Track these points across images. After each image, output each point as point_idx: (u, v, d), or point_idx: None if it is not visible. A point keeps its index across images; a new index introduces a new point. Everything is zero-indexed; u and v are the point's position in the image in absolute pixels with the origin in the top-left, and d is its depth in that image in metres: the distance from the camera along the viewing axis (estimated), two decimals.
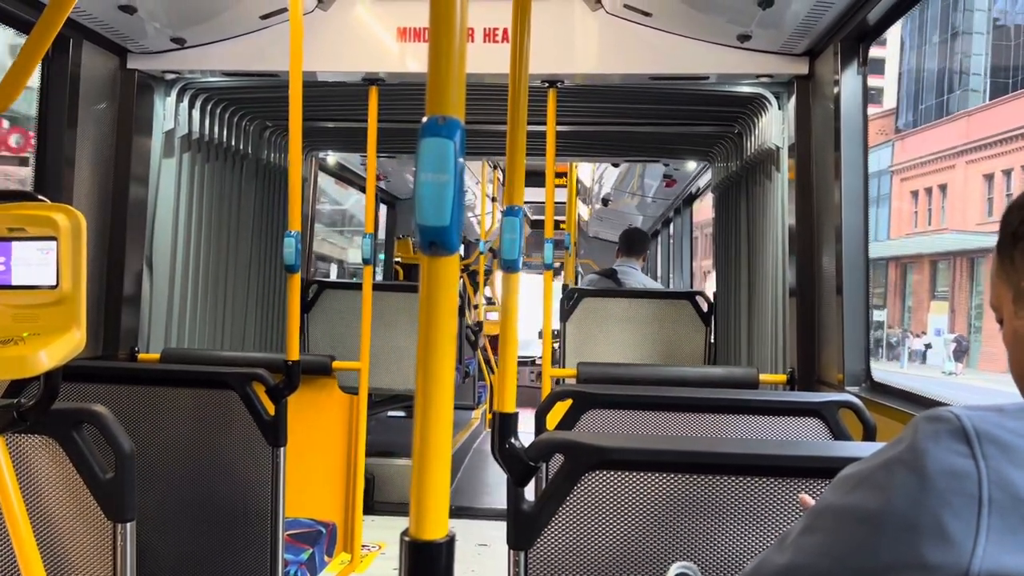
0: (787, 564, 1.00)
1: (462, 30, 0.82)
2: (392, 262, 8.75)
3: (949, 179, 32.47)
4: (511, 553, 1.61)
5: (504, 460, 1.62)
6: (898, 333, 33.51)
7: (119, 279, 3.47)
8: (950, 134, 32.75)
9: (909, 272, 34.24)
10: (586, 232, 11.14)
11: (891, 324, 34.31)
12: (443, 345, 0.83)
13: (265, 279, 4.60)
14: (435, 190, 0.78)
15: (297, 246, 2.87)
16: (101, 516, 1.64)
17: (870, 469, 0.96)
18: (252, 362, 3.15)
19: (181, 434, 2.56)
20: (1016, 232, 1.05)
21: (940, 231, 32.58)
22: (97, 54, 3.31)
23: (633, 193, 8.18)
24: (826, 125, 3.12)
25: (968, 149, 31.46)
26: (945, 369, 28.50)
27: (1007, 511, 0.86)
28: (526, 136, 1.62)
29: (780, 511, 1.55)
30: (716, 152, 4.79)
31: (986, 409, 0.93)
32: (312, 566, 2.99)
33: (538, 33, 2.81)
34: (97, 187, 3.38)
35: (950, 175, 32.42)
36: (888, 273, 34.93)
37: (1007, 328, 1.10)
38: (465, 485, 6.11)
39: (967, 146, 31.52)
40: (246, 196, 4.33)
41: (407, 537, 0.84)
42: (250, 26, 3.36)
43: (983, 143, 30.70)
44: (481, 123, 4.35)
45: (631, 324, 4.75)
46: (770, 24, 2.99)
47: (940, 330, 30.93)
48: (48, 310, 1.46)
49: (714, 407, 2.28)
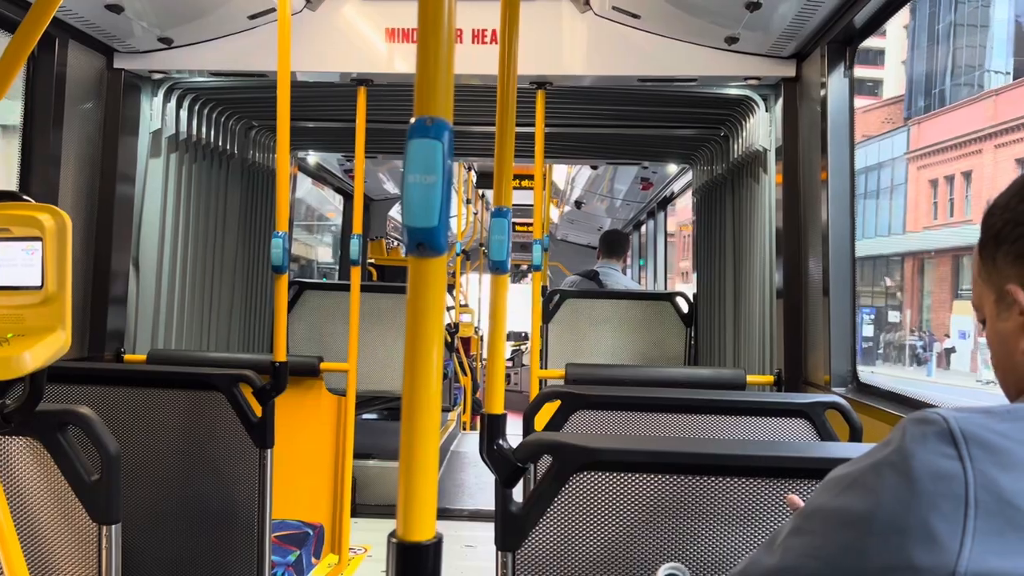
0: (776, 566, 1.00)
1: (450, 31, 0.82)
2: (366, 263, 8.76)
3: (975, 165, 29.10)
4: (499, 554, 1.61)
5: (492, 461, 1.62)
6: (921, 336, 30.10)
7: (105, 280, 3.45)
8: (974, 116, 29.19)
9: (929, 268, 31.02)
10: (554, 235, 11.18)
11: (911, 327, 31.28)
12: (430, 346, 0.83)
13: (251, 280, 4.58)
14: (423, 191, 0.78)
15: (285, 246, 2.86)
16: (86, 518, 1.64)
17: (859, 471, 0.96)
18: (239, 363, 3.14)
19: (168, 436, 2.55)
20: (999, 234, 1.06)
21: (965, 223, 28.68)
22: (83, 53, 3.29)
23: (604, 196, 8.23)
24: (813, 127, 3.14)
25: (996, 132, 28.14)
26: (982, 378, 23.70)
27: (993, 513, 0.87)
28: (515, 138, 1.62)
29: (767, 512, 1.56)
30: (699, 154, 4.81)
31: (973, 411, 0.93)
32: (299, 568, 2.98)
33: (527, 34, 2.82)
34: (83, 187, 3.36)
35: (976, 160, 29.10)
36: (904, 270, 32.31)
37: (989, 329, 1.11)
38: (446, 487, 6.10)
39: (995, 128, 28.14)
40: (231, 196, 4.31)
41: (395, 539, 0.84)
42: (238, 26, 3.35)
43: (1014, 124, 27.34)
44: (469, 124, 4.35)
45: (612, 325, 4.77)
46: (758, 27, 3.00)
47: (965, 332, 26.94)
48: (33, 311, 1.45)
49: (702, 408, 2.29)
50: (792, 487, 1.54)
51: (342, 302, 3.72)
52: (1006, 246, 1.05)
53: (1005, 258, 1.05)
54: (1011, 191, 1.08)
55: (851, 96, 3.05)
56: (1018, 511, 0.87)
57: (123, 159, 3.50)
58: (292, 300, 4.83)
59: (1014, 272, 1.04)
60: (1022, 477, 0.88)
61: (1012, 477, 0.88)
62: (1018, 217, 1.04)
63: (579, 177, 8.25)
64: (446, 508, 5.35)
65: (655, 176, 6.54)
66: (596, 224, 10.12)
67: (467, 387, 9.44)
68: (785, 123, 3.32)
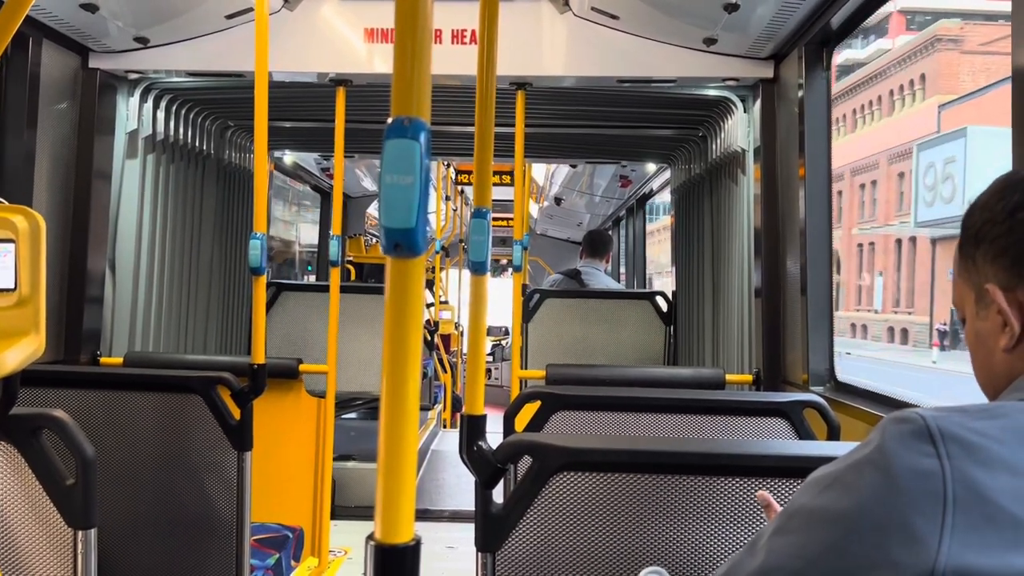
0: (760, 567, 1.00)
1: (428, 30, 0.82)
2: (345, 261, 8.73)
3: None
4: (479, 555, 1.60)
5: (472, 462, 1.62)
6: None
7: (81, 282, 3.41)
8: None
9: None
10: (533, 230, 11.21)
11: None
12: (409, 347, 0.83)
13: (228, 281, 4.55)
14: (400, 192, 0.78)
15: (263, 248, 2.84)
16: (62, 523, 1.62)
17: (840, 471, 0.97)
18: (217, 366, 3.12)
19: (145, 439, 2.52)
20: (979, 234, 1.07)
21: None
22: (58, 53, 3.26)
23: (583, 192, 8.26)
24: (791, 128, 3.16)
25: None
26: None
27: (970, 509, 0.88)
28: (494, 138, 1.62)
29: (748, 510, 1.57)
30: (678, 154, 4.83)
31: (950, 410, 0.94)
32: (279, 571, 2.97)
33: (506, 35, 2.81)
34: (58, 188, 3.32)
35: None
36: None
37: (969, 328, 1.12)
38: (426, 487, 6.08)
39: None
40: (208, 197, 4.28)
41: (373, 541, 0.83)
42: (215, 26, 3.33)
43: None
44: (449, 125, 4.34)
45: (592, 324, 4.78)
46: (736, 28, 3.01)
47: None
48: (6, 313, 1.44)
49: (682, 408, 2.30)
50: (771, 486, 1.55)
51: (320, 303, 3.70)
52: (985, 245, 1.06)
53: (984, 257, 1.06)
54: (990, 191, 1.08)
55: (828, 97, 3.07)
56: (995, 507, 0.88)
57: (99, 160, 3.46)
58: (270, 301, 4.80)
59: (992, 271, 1.05)
60: (998, 474, 0.89)
61: (989, 474, 0.89)
62: (996, 216, 1.05)
63: (558, 173, 8.27)
64: (427, 509, 5.34)
65: (634, 174, 6.57)
66: (576, 220, 10.15)
67: (447, 384, 9.42)
68: (763, 124, 3.33)
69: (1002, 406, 0.97)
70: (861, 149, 39.90)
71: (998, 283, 1.04)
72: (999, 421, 0.93)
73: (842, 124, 43.62)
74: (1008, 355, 1.05)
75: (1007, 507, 0.88)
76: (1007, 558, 0.87)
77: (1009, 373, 1.05)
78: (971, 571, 0.87)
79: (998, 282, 1.04)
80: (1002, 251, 1.04)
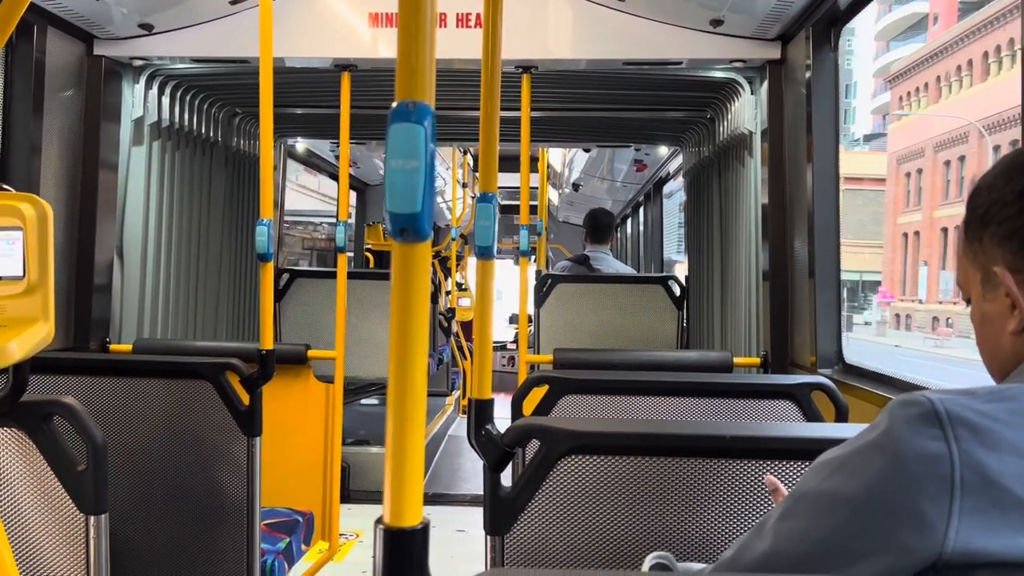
0: (767, 550, 1.00)
1: (432, 14, 0.82)
2: (364, 249, 8.71)
3: None
4: (488, 538, 1.61)
5: (480, 446, 1.62)
6: None
7: (89, 269, 3.42)
8: None
9: None
10: (555, 217, 11.16)
11: None
12: (416, 332, 0.83)
13: (237, 268, 4.55)
14: (405, 177, 0.78)
15: (270, 234, 2.84)
16: (73, 509, 1.63)
17: (847, 454, 0.97)
18: (226, 352, 3.13)
19: (154, 425, 2.53)
20: (986, 215, 1.06)
21: None
22: (63, 40, 3.25)
23: (603, 178, 8.18)
24: (798, 110, 3.14)
25: None
26: None
27: (978, 492, 0.87)
28: (499, 122, 1.61)
29: (754, 493, 1.57)
30: (688, 137, 4.80)
31: (957, 392, 0.94)
32: (289, 555, 2.99)
33: (511, 18, 2.80)
34: (65, 176, 3.33)
35: None
36: None
37: (975, 309, 1.11)
38: (441, 471, 6.11)
39: None
40: (216, 184, 4.29)
41: (381, 525, 0.84)
42: (219, 11, 3.32)
43: None
44: (455, 109, 4.33)
45: (604, 309, 4.76)
46: (742, 9, 2.99)
47: None
48: (15, 301, 1.44)
49: (689, 391, 2.30)
50: (779, 468, 1.55)
51: (333, 289, 3.71)
52: (992, 227, 1.05)
53: (991, 239, 1.05)
54: (996, 170, 1.07)
55: (836, 78, 3.05)
56: (1002, 490, 0.87)
57: (105, 147, 3.47)
58: (283, 288, 4.82)
59: (1000, 253, 1.04)
60: (1006, 456, 0.88)
61: (996, 456, 0.88)
62: (1004, 197, 1.04)
63: (576, 160, 8.21)
64: (442, 493, 5.37)
65: (648, 158, 6.52)
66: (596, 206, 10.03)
67: (466, 371, 9.41)
68: (770, 105, 3.31)
69: (1010, 388, 0.96)
70: (944, 121, 36.39)
71: (1006, 265, 1.03)
72: (1007, 404, 0.93)
73: (924, 94, 40.89)
74: (1016, 337, 1.04)
75: (1015, 490, 0.87)
76: (1015, 541, 0.87)
77: (1016, 355, 1.04)
78: (978, 554, 0.87)
79: (1006, 264, 1.03)
80: (1010, 233, 1.03)
